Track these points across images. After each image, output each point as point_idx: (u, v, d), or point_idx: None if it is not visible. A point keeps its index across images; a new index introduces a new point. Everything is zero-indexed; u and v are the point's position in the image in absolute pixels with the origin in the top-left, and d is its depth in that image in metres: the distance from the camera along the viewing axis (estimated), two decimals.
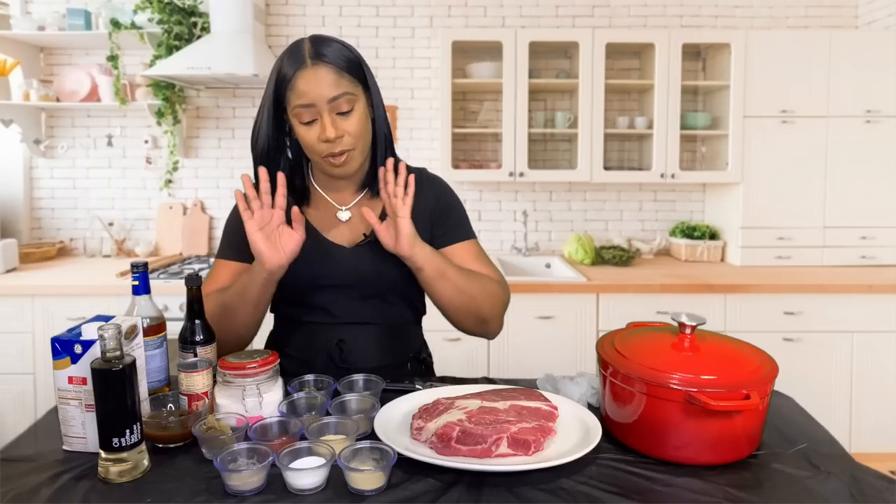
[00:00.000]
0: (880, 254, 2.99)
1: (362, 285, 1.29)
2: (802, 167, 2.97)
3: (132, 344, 0.99)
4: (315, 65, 1.16)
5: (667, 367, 0.92)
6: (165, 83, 3.02)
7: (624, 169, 3.26)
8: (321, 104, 1.16)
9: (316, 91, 1.16)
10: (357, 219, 1.32)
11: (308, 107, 1.17)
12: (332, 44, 1.20)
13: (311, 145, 1.21)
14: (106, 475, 0.87)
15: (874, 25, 3.14)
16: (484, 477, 0.87)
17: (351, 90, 1.19)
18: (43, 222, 3.32)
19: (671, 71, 2.96)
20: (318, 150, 1.20)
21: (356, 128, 1.20)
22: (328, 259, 1.28)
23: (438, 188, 1.37)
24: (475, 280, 1.25)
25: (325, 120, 1.17)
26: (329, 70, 1.16)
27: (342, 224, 1.32)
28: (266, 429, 0.95)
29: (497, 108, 3.21)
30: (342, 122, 1.19)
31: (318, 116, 1.18)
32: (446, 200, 1.36)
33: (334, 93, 1.16)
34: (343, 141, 1.20)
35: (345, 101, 1.18)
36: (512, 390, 1.08)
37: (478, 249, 1.35)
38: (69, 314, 2.61)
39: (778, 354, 1.05)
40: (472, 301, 1.24)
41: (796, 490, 0.85)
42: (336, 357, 1.29)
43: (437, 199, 1.34)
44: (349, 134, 1.20)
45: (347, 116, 1.19)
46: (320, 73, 1.16)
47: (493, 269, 1.33)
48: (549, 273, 3.16)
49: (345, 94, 1.17)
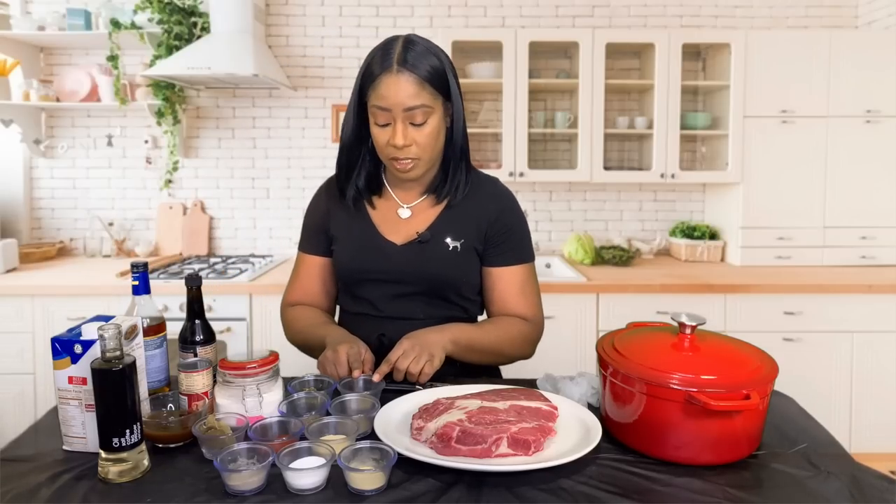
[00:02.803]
0: (880, 254, 2.99)
1: (408, 282, 1.31)
2: (802, 167, 2.97)
3: (132, 344, 0.99)
4: (400, 72, 1.18)
5: (667, 367, 0.92)
6: (165, 83, 3.02)
7: (624, 169, 3.25)
8: (397, 111, 1.19)
9: (395, 98, 1.18)
10: (416, 218, 1.34)
11: (384, 110, 1.20)
12: (424, 53, 1.21)
13: (381, 146, 1.24)
14: (106, 475, 0.87)
15: (874, 25, 3.14)
16: (484, 477, 0.87)
17: (429, 103, 1.20)
18: (43, 222, 3.32)
19: (671, 71, 2.96)
20: (385, 152, 1.24)
21: (426, 140, 1.22)
22: (378, 254, 1.32)
23: (502, 203, 1.37)
24: (504, 333, 1.32)
25: (398, 127, 1.20)
26: (412, 80, 1.18)
27: (401, 221, 1.34)
28: (266, 429, 0.95)
29: (497, 108, 3.21)
30: (413, 132, 1.21)
31: (391, 121, 1.20)
32: (507, 220, 1.36)
33: (412, 103, 1.18)
34: (410, 150, 1.22)
35: (420, 112, 1.20)
36: (512, 390, 1.08)
37: (525, 276, 1.37)
38: (69, 314, 2.61)
39: (778, 354, 1.05)
40: (502, 355, 1.35)
41: (796, 490, 0.85)
42: (378, 351, 1.29)
43: (497, 215, 1.35)
44: (417, 144, 1.22)
45: (420, 128, 1.21)
46: (402, 81, 1.18)
47: (533, 301, 1.38)
48: (549, 273, 3.16)
49: (422, 106, 1.19)
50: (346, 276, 1.36)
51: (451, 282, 1.32)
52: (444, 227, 1.32)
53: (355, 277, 1.34)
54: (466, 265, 1.33)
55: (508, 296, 1.36)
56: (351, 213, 1.35)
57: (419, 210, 1.35)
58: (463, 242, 1.32)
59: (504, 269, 1.36)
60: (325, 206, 1.40)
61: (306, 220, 1.44)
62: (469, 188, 1.35)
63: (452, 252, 1.31)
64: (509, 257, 1.36)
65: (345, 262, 1.35)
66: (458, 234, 1.32)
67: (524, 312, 1.36)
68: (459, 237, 1.32)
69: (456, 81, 1.26)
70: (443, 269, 1.30)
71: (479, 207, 1.34)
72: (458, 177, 1.32)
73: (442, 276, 1.31)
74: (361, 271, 1.33)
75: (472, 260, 1.34)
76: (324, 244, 1.40)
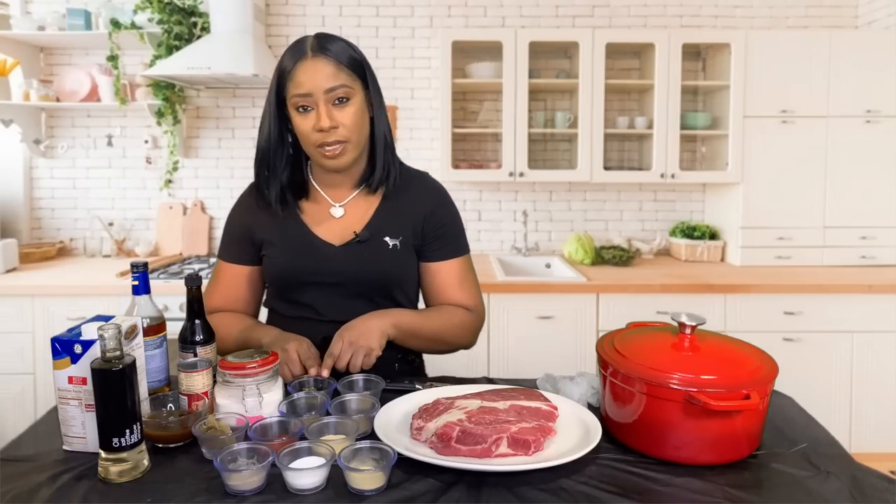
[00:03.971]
0: (880, 254, 2.99)
1: (349, 284, 1.29)
2: (802, 167, 2.96)
3: (132, 344, 0.99)
4: (315, 56, 1.19)
5: (667, 367, 0.92)
6: (165, 83, 3.02)
7: (624, 169, 3.26)
8: (318, 94, 1.18)
9: (313, 81, 1.18)
10: (350, 216, 1.32)
11: (305, 96, 1.19)
12: (337, 41, 1.23)
13: (307, 134, 1.22)
14: (106, 475, 0.87)
15: (874, 25, 3.14)
16: (484, 477, 0.87)
17: (349, 83, 1.21)
18: (43, 222, 3.32)
19: (671, 71, 2.96)
20: (312, 139, 1.22)
21: (351, 120, 1.21)
22: (314, 256, 1.29)
23: (436, 198, 1.37)
24: (446, 321, 1.32)
25: (321, 110, 1.19)
26: (328, 62, 1.19)
27: (335, 221, 1.32)
28: (266, 429, 0.95)
29: (497, 108, 3.21)
30: (338, 114, 1.20)
31: (314, 106, 1.20)
32: (442, 214, 1.35)
33: (331, 84, 1.18)
34: (337, 132, 1.21)
35: (342, 91, 1.20)
36: (512, 390, 1.08)
37: (464, 268, 1.37)
38: (69, 314, 2.61)
39: (778, 354, 1.05)
40: (444, 342, 1.33)
41: (796, 490, 0.85)
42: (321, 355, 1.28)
43: (433, 210, 1.34)
44: (343, 125, 1.21)
45: (343, 108, 1.21)
46: (319, 65, 1.18)
47: (472, 292, 1.37)
48: (549, 273, 3.16)
49: (342, 86, 1.19)
50: (283, 281, 1.32)
51: (394, 280, 1.31)
52: (382, 225, 1.31)
53: (293, 282, 1.31)
54: (406, 263, 1.33)
55: (448, 288, 1.35)
56: (279, 217, 1.30)
57: (352, 207, 1.33)
58: (401, 240, 1.31)
59: (442, 263, 1.35)
60: (249, 214, 1.35)
61: (228, 228, 1.39)
62: (401, 182, 1.33)
63: (393, 250, 1.30)
64: (447, 251, 1.35)
65: (280, 266, 1.30)
66: (396, 231, 1.31)
67: (466, 303, 1.35)
68: (398, 235, 1.31)
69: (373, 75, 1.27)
70: (385, 268, 1.29)
71: (413, 203, 1.33)
72: (386, 165, 1.30)
73: (385, 275, 1.30)
74: (299, 275, 1.29)
75: (411, 256, 1.33)
76: (248, 253, 1.35)
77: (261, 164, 1.30)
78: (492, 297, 2.68)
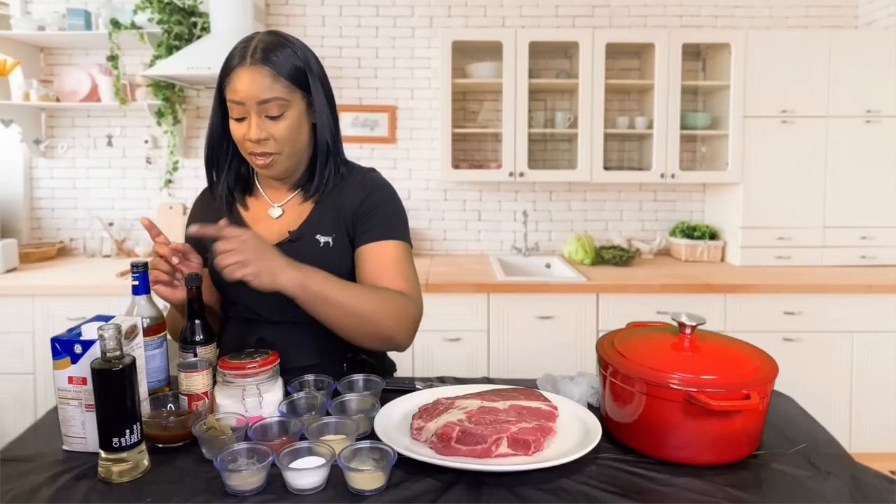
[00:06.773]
0: (880, 254, 2.99)
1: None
2: (802, 167, 2.97)
3: (132, 344, 0.99)
4: (252, 65, 1.16)
5: (667, 367, 0.92)
6: (165, 83, 3.02)
7: (624, 169, 3.26)
8: (251, 104, 1.17)
9: (248, 91, 1.16)
10: (288, 217, 1.31)
11: (238, 104, 1.18)
12: (282, 48, 1.19)
13: (239, 141, 1.22)
14: (106, 475, 0.87)
15: (874, 25, 3.14)
16: (484, 477, 0.87)
17: (285, 96, 1.18)
18: (43, 222, 3.32)
19: (671, 71, 2.96)
20: (244, 146, 1.22)
21: (283, 134, 1.20)
22: None
23: (371, 187, 1.32)
24: (371, 297, 1.16)
25: (253, 121, 1.18)
26: (264, 72, 1.16)
27: (273, 221, 1.31)
28: (266, 429, 0.95)
29: (497, 108, 3.21)
30: (270, 126, 1.19)
31: (247, 115, 1.18)
32: (374, 199, 1.30)
33: (265, 96, 1.16)
34: (268, 144, 1.20)
35: (275, 105, 1.17)
36: (512, 390, 1.08)
37: (399, 254, 1.27)
38: (69, 314, 2.61)
39: (778, 354, 1.05)
40: (367, 321, 1.15)
41: (796, 490, 0.85)
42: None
43: (364, 198, 1.30)
44: (275, 139, 1.19)
45: (276, 121, 1.19)
46: (255, 75, 1.16)
47: (407, 279, 1.25)
48: (549, 273, 3.16)
49: (276, 98, 1.17)
50: (218, 279, 1.27)
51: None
52: (315, 224, 1.28)
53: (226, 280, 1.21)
54: (340, 260, 1.28)
55: (381, 269, 1.23)
56: (223, 215, 1.28)
57: (290, 208, 1.31)
58: (335, 237, 1.28)
59: (374, 244, 1.26)
60: (200, 214, 1.37)
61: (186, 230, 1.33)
62: (340, 182, 1.31)
63: (324, 248, 1.27)
64: (378, 233, 1.27)
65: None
66: (329, 229, 1.28)
67: (402, 288, 1.22)
68: (331, 232, 1.28)
69: (321, 77, 1.24)
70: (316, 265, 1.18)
71: (346, 199, 1.29)
72: (325, 174, 1.28)
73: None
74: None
75: (346, 253, 1.29)
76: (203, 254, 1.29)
77: (207, 160, 1.31)
78: (492, 297, 2.68)
